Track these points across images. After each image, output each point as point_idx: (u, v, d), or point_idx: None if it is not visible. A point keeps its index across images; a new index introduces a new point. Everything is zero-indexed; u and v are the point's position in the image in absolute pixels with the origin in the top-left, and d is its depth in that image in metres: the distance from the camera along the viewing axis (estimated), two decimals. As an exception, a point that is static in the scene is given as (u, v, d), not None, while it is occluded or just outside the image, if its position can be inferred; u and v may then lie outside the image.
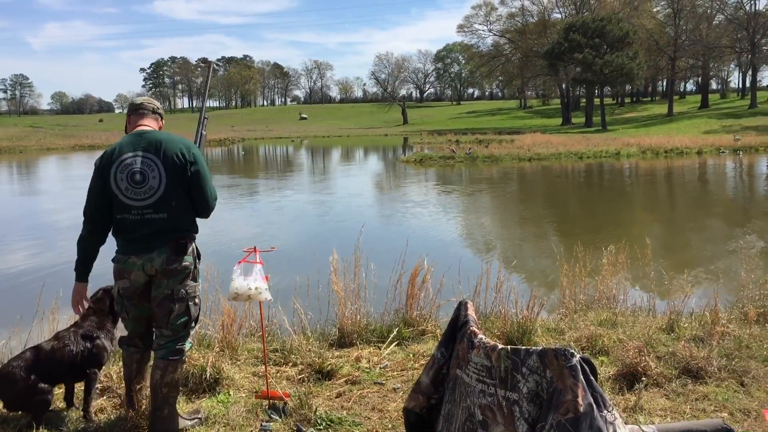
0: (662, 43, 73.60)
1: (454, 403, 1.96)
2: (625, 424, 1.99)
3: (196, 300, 3.68)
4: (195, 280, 3.68)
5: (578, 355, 1.79)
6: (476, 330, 2.08)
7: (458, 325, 2.22)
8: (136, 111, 3.79)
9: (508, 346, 1.87)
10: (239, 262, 3.98)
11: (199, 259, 3.74)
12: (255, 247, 4.10)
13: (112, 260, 3.64)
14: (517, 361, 1.77)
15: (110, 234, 3.68)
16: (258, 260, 4.00)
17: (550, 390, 1.69)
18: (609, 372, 4.47)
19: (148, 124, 3.77)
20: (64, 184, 27.73)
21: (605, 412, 1.71)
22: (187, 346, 3.72)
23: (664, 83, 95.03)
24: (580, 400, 1.65)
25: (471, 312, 2.25)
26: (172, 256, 3.54)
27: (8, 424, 3.75)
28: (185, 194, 3.59)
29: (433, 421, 2.15)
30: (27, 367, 3.69)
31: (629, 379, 4.31)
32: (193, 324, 3.72)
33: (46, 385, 3.72)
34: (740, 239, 12.11)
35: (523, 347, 1.86)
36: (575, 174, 29.78)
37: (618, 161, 34.55)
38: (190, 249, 3.62)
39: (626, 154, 36.91)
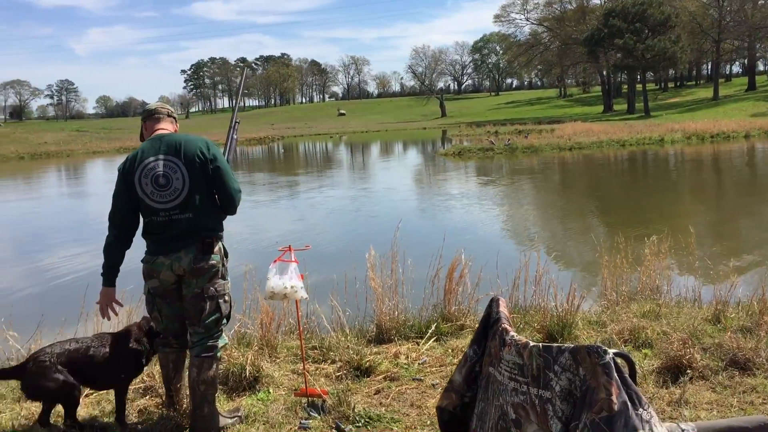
0: (706, 26, 71.70)
1: (487, 401, 1.93)
2: (664, 421, 1.93)
3: (226, 297, 3.74)
4: (224, 278, 3.74)
5: (612, 352, 1.74)
6: (508, 327, 2.05)
7: (490, 322, 2.19)
8: (151, 116, 3.87)
9: (540, 344, 1.84)
10: (274, 261, 4.01)
11: (227, 257, 3.79)
12: (290, 246, 4.12)
13: (142, 261, 3.72)
14: (549, 359, 1.74)
15: (136, 236, 3.76)
16: (293, 259, 4.01)
17: (584, 388, 1.66)
18: (653, 365, 4.38)
19: (165, 128, 3.85)
20: (109, 186, 28.34)
21: (641, 410, 1.67)
22: (221, 342, 3.77)
23: (709, 66, 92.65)
24: (614, 398, 1.62)
25: (503, 309, 2.22)
26: (199, 255, 3.60)
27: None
28: (209, 193, 3.67)
29: (466, 419, 2.12)
30: (58, 356, 3.69)
31: (674, 372, 4.21)
32: (225, 321, 3.78)
33: (74, 380, 3.70)
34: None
35: (555, 345, 1.82)
36: (617, 162, 29.27)
37: (662, 148, 33.82)
38: (217, 248, 3.68)
39: (670, 141, 36.12)
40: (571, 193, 20.26)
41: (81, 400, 3.91)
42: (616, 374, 1.70)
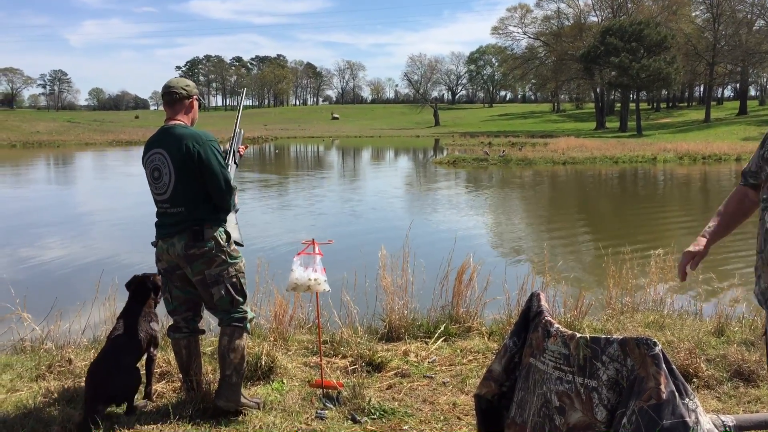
0: (700, 48, 72.40)
1: (528, 390, 2.00)
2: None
3: (233, 279, 3.75)
4: (227, 261, 3.73)
5: (660, 345, 1.83)
6: (551, 320, 2.13)
7: (531, 315, 2.27)
8: (162, 97, 3.85)
9: (587, 335, 1.92)
10: (298, 254, 4.07)
11: (230, 241, 3.76)
12: (313, 239, 4.18)
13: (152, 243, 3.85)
14: (597, 350, 1.80)
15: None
16: (317, 251, 4.08)
17: (631, 378, 1.72)
18: (659, 373, 4.46)
19: (171, 118, 3.80)
20: (109, 176, 28.26)
21: (687, 399, 1.74)
22: (250, 315, 3.87)
23: (702, 89, 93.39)
24: (662, 387, 1.69)
25: (544, 303, 2.30)
26: (191, 242, 3.64)
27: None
28: (199, 186, 3.66)
29: (502, 408, 2.19)
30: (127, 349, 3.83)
31: (680, 380, 4.30)
32: (240, 299, 3.80)
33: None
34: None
35: (603, 336, 1.91)
36: (612, 179, 29.47)
37: (654, 167, 34.10)
38: (211, 234, 3.66)
39: (663, 160, 36.40)
40: (572, 207, 20.39)
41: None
42: (664, 365, 1.77)
